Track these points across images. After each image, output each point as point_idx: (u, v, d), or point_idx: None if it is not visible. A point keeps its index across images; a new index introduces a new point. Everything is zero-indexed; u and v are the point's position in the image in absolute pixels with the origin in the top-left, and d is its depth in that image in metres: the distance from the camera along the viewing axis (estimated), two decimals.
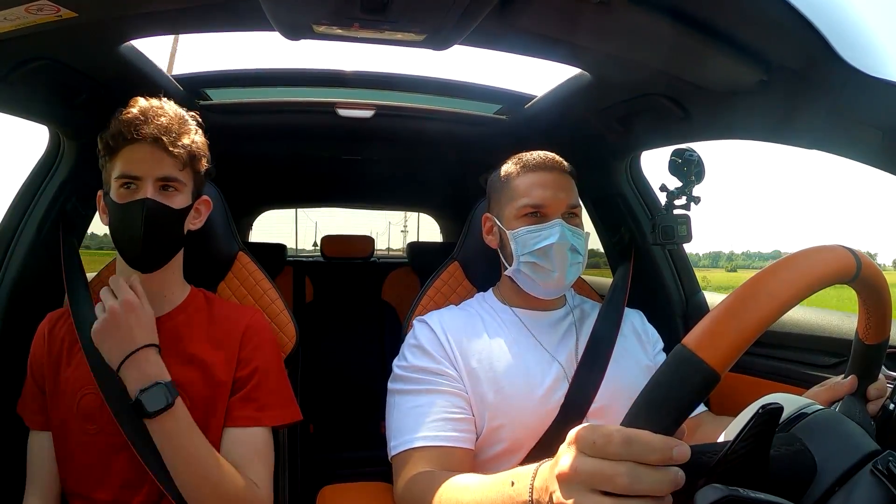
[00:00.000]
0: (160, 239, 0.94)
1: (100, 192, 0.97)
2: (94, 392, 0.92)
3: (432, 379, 0.95)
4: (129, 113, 0.92)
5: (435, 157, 1.92)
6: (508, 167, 1.09)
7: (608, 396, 0.97)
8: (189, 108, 1.01)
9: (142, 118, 0.91)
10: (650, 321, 1.17)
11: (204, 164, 1.00)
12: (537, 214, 1.02)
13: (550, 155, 1.07)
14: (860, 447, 0.49)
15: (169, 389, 0.87)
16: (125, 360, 0.87)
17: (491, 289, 1.14)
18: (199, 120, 1.01)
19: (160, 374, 0.88)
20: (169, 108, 0.95)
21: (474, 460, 0.93)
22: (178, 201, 0.95)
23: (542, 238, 1.00)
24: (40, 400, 0.97)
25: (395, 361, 1.01)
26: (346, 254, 2.79)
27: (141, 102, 0.94)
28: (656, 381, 0.45)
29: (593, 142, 1.44)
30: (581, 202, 1.10)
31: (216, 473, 0.87)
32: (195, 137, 0.97)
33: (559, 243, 0.99)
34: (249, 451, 0.94)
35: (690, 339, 0.45)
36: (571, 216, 1.04)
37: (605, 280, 1.70)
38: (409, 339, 1.03)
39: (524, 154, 1.08)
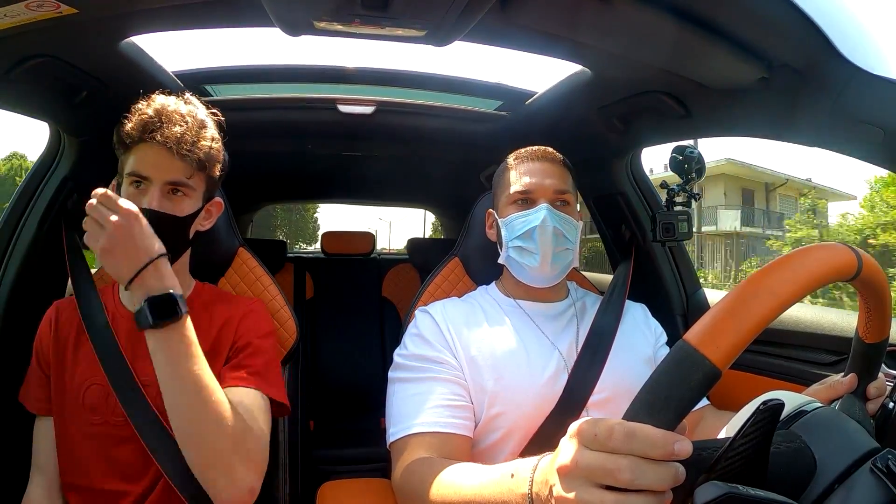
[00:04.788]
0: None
1: (114, 182, 0.96)
2: (99, 384, 0.92)
3: (432, 367, 0.95)
4: (144, 114, 0.89)
5: (436, 153, 1.93)
6: (507, 161, 1.12)
7: (609, 388, 0.97)
8: None
9: (157, 120, 0.89)
10: None
11: (218, 170, 0.98)
12: (526, 201, 1.05)
13: (544, 147, 1.10)
14: (860, 445, 0.49)
15: (181, 302, 0.83)
16: (139, 272, 0.82)
17: (494, 282, 1.15)
18: (221, 119, 0.99)
19: (174, 285, 0.84)
20: (188, 111, 0.92)
21: (472, 449, 0.94)
22: (186, 207, 0.93)
23: (527, 222, 1.03)
24: (45, 385, 0.97)
25: (397, 350, 1.02)
26: (346, 250, 2.79)
27: (159, 100, 0.91)
28: (658, 376, 0.45)
29: (594, 139, 1.44)
30: (581, 198, 1.11)
31: (219, 407, 0.81)
32: (212, 144, 0.94)
33: (542, 226, 1.01)
34: (247, 404, 0.90)
35: (692, 334, 0.45)
36: (561, 203, 1.05)
37: (607, 278, 1.67)
38: (410, 329, 1.04)
39: (522, 149, 1.11)
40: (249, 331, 0.99)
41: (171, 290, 0.83)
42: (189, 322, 0.85)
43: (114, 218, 0.81)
